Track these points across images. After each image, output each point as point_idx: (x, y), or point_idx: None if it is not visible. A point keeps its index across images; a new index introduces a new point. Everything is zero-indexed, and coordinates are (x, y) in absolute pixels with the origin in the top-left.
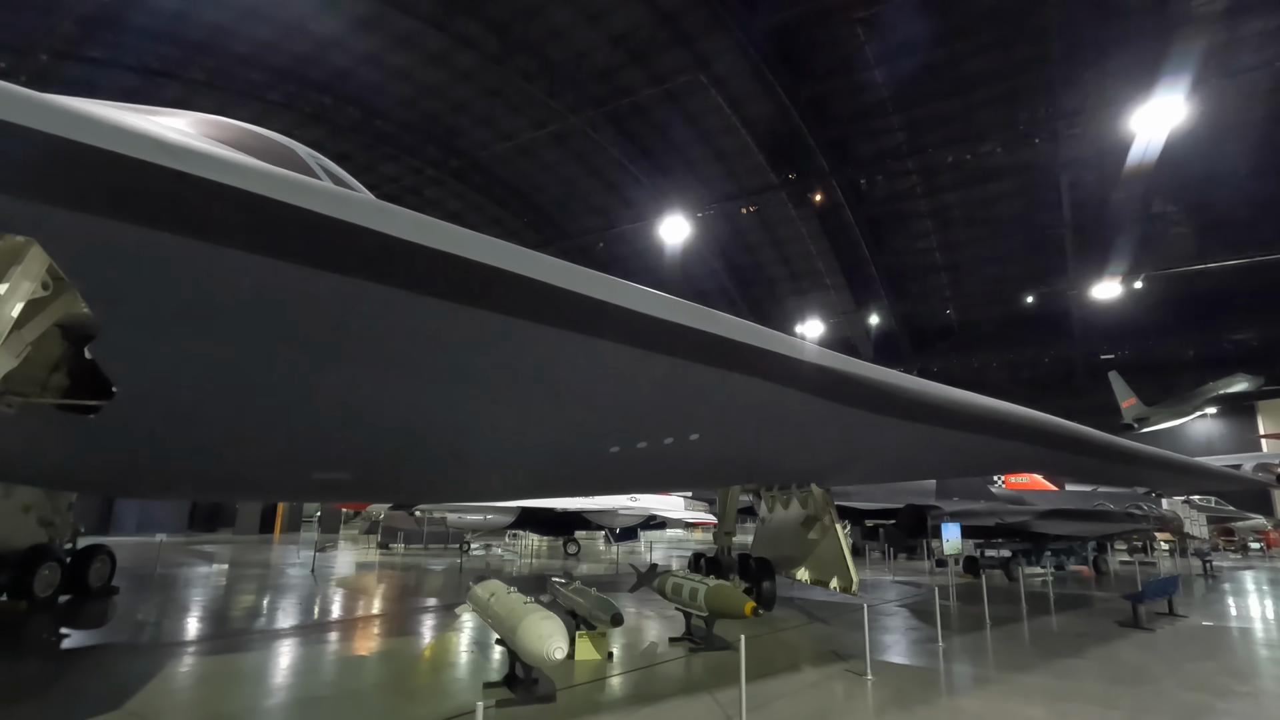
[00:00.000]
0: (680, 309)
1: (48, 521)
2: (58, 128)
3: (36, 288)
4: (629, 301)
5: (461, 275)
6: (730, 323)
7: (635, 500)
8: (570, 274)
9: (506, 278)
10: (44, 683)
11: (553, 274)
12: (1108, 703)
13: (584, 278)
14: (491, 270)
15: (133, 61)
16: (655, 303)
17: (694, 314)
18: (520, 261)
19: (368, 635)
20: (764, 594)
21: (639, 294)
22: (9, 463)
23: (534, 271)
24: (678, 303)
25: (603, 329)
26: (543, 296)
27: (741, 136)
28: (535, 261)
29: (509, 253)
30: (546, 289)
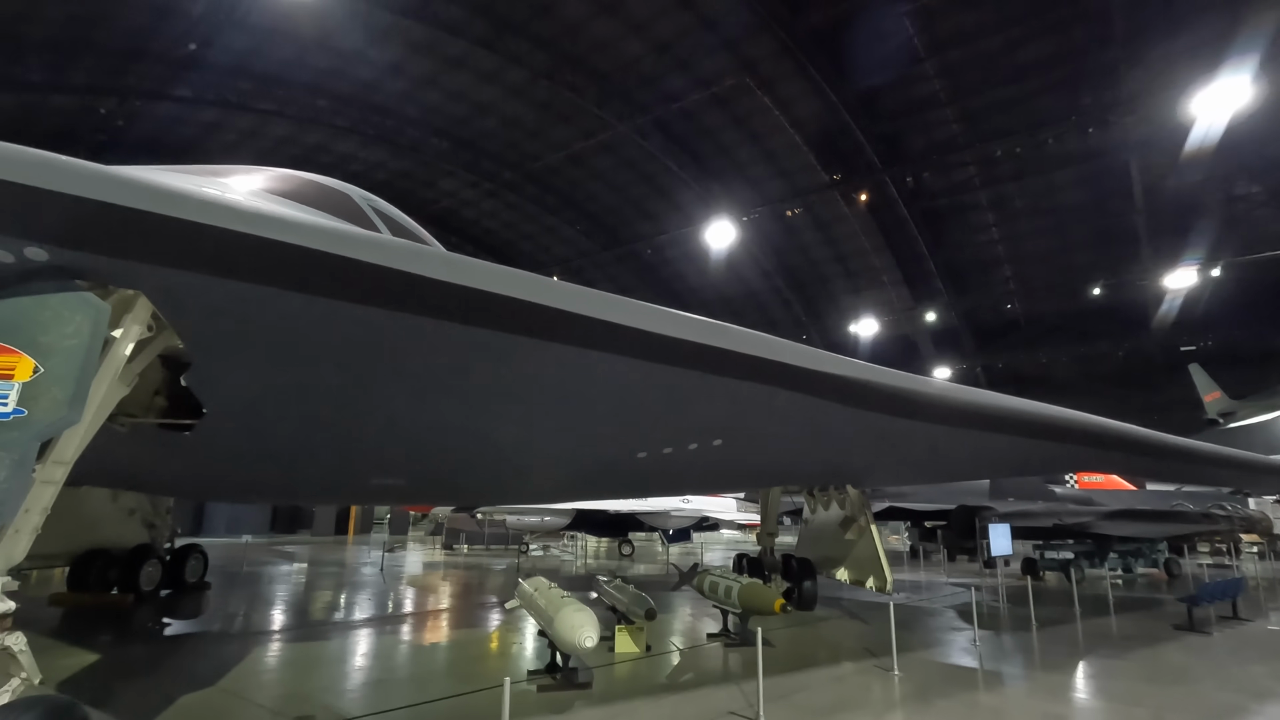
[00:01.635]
0: (691, 326)
1: (150, 524)
2: (155, 205)
3: (143, 330)
4: (645, 323)
5: (487, 307)
6: (739, 335)
7: (687, 502)
8: (591, 301)
9: (535, 309)
10: (151, 664)
11: (574, 302)
12: (1134, 700)
13: (604, 304)
14: (519, 303)
15: (213, 97)
16: (668, 322)
17: (704, 330)
18: (542, 292)
19: (428, 627)
20: (805, 594)
21: (654, 314)
22: (120, 472)
23: (558, 301)
24: (689, 320)
25: (622, 347)
26: (569, 323)
27: (790, 136)
28: (556, 291)
29: (532, 284)
30: (573, 317)
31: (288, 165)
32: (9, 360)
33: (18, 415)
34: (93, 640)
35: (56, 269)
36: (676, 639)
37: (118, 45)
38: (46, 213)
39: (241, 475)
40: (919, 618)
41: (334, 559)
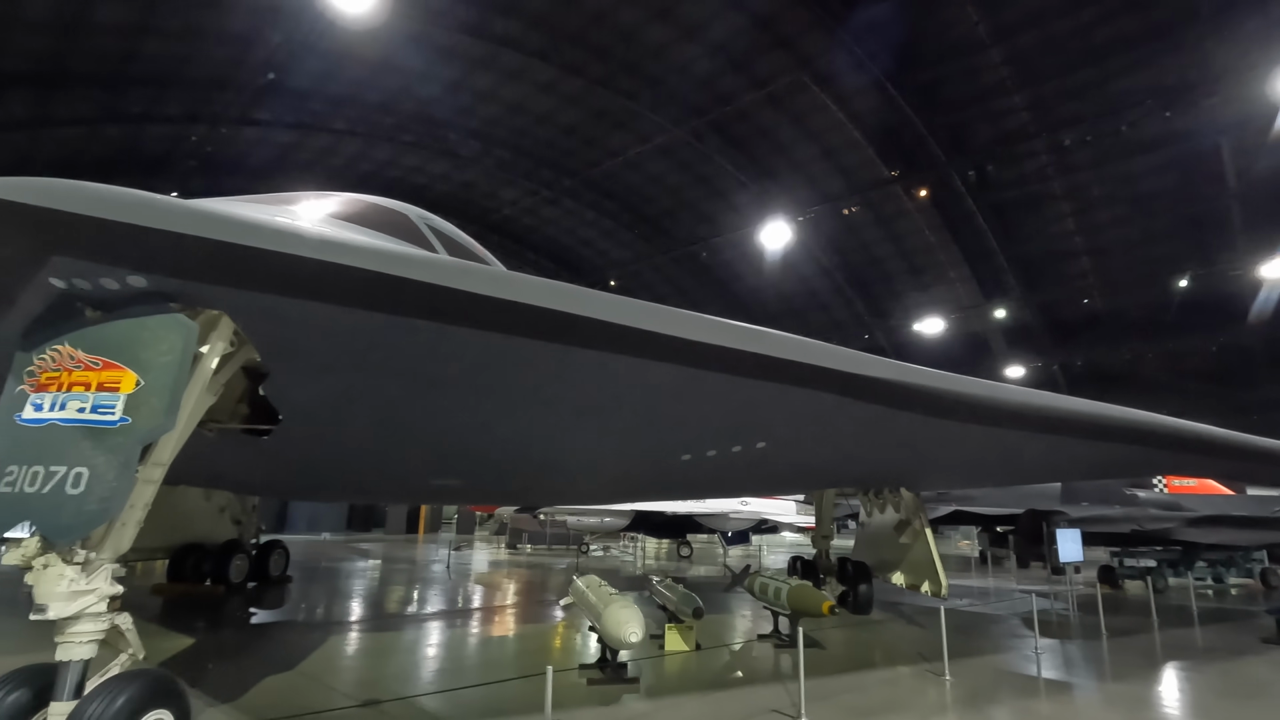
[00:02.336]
0: (728, 332)
1: (238, 520)
2: (234, 236)
3: (226, 345)
4: (683, 330)
5: (532, 319)
6: (776, 340)
7: (745, 504)
8: (629, 310)
9: (576, 319)
10: (239, 648)
11: (614, 312)
12: (1203, 713)
13: (642, 312)
14: (561, 314)
15: (289, 120)
16: (705, 329)
17: (741, 335)
18: (582, 303)
19: (489, 621)
20: (860, 597)
21: (691, 321)
22: (210, 473)
23: (597, 312)
24: (726, 326)
25: (660, 354)
26: (609, 332)
27: (849, 132)
28: (596, 301)
29: (573, 296)
30: (612, 326)
31: (358, 180)
32: (115, 375)
33: (123, 423)
34: (189, 626)
35: (154, 294)
36: (727, 638)
37: (206, 77)
38: (145, 246)
39: (313, 475)
40: (981, 624)
41: (405, 556)
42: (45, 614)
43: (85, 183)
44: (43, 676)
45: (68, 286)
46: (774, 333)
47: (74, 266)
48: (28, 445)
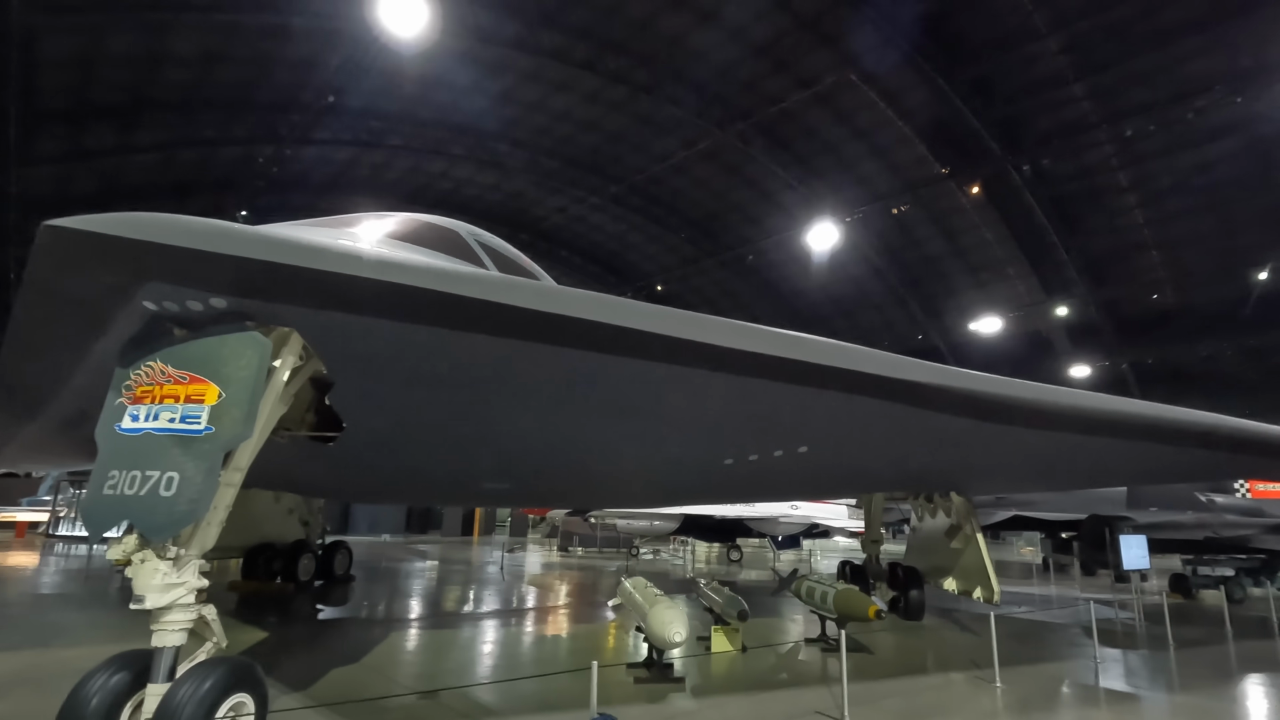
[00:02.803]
0: (768, 338)
1: (305, 522)
2: (301, 260)
3: (296, 359)
4: (720, 338)
5: (574, 330)
6: (814, 345)
7: (796, 508)
8: (668, 319)
9: (616, 330)
10: (307, 642)
11: (652, 322)
12: None
13: (680, 321)
14: (601, 325)
15: (348, 138)
16: (746, 336)
17: (781, 342)
18: (622, 314)
19: (540, 620)
20: (911, 603)
21: (732, 330)
22: (280, 477)
23: (637, 322)
24: (766, 333)
25: (702, 362)
26: (649, 341)
27: (899, 129)
28: (636, 311)
29: (613, 307)
30: (650, 336)
31: (412, 193)
32: (200, 388)
33: (208, 432)
34: (262, 620)
35: (232, 314)
36: (774, 641)
37: (271, 101)
38: (225, 271)
39: (374, 479)
40: (1039, 632)
41: (460, 557)
42: (143, 604)
43: (175, 215)
44: (140, 661)
45: (158, 308)
46: (812, 338)
47: (164, 291)
48: (127, 452)
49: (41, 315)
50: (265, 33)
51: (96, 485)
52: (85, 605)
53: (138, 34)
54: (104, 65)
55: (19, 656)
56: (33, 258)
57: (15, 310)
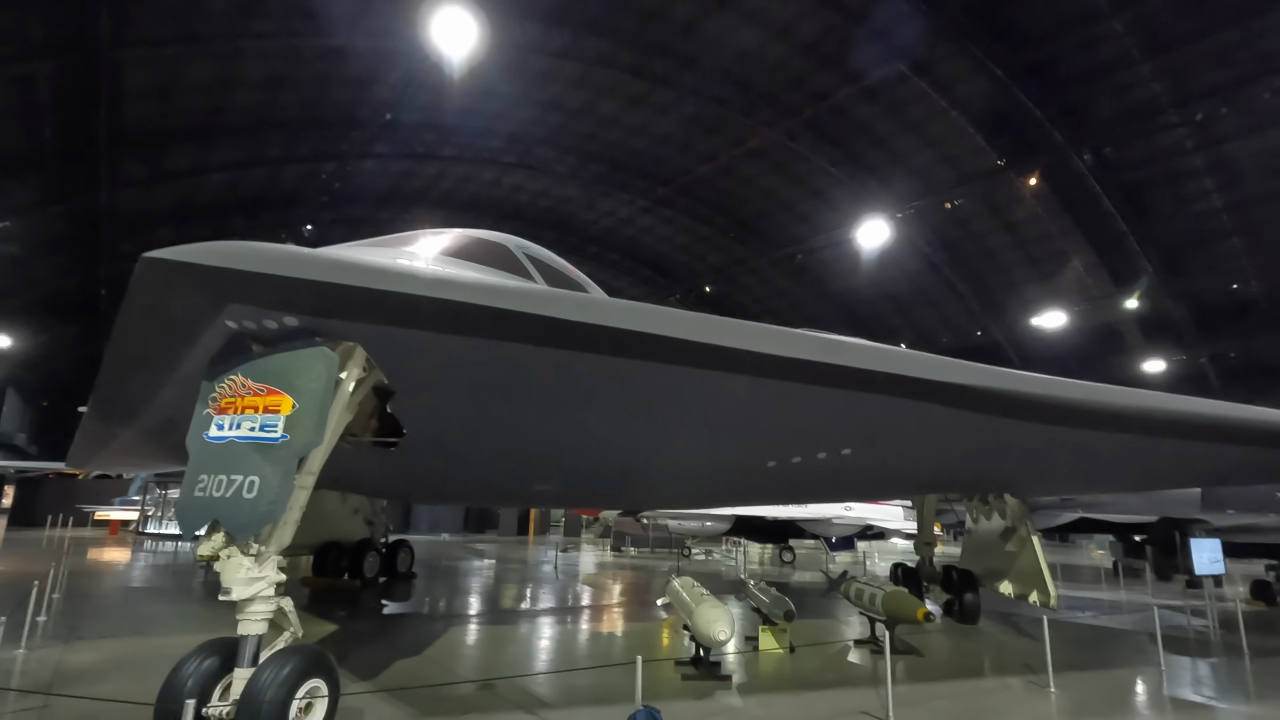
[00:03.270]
0: (805, 344)
1: (370, 521)
2: (362, 281)
3: (360, 371)
4: (760, 345)
5: (613, 339)
6: (853, 349)
7: (849, 509)
8: (705, 327)
9: (655, 339)
10: (373, 635)
11: (690, 330)
12: None
13: (718, 329)
14: (641, 334)
15: (405, 151)
16: (782, 341)
17: (817, 347)
18: (660, 322)
19: (591, 618)
20: (966, 606)
21: (768, 335)
22: (348, 479)
23: (674, 330)
24: (804, 338)
25: (740, 367)
26: (687, 348)
27: (955, 120)
28: (674, 320)
29: (651, 316)
30: (688, 343)
31: (466, 202)
32: (276, 400)
33: (284, 439)
34: (332, 614)
35: (304, 331)
36: (823, 642)
37: (331, 119)
38: (296, 293)
39: (432, 480)
40: (1103, 638)
41: (516, 556)
42: (230, 595)
43: (253, 243)
44: (227, 647)
45: (239, 327)
46: (851, 342)
47: (244, 311)
48: (213, 458)
49: (137, 335)
50: (324, 55)
51: (188, 488)
52: (173, 598)
53: (210, 62)
54: (181, 93)
55: (119, 644)
56: (131, 285)
57: (115, 330)
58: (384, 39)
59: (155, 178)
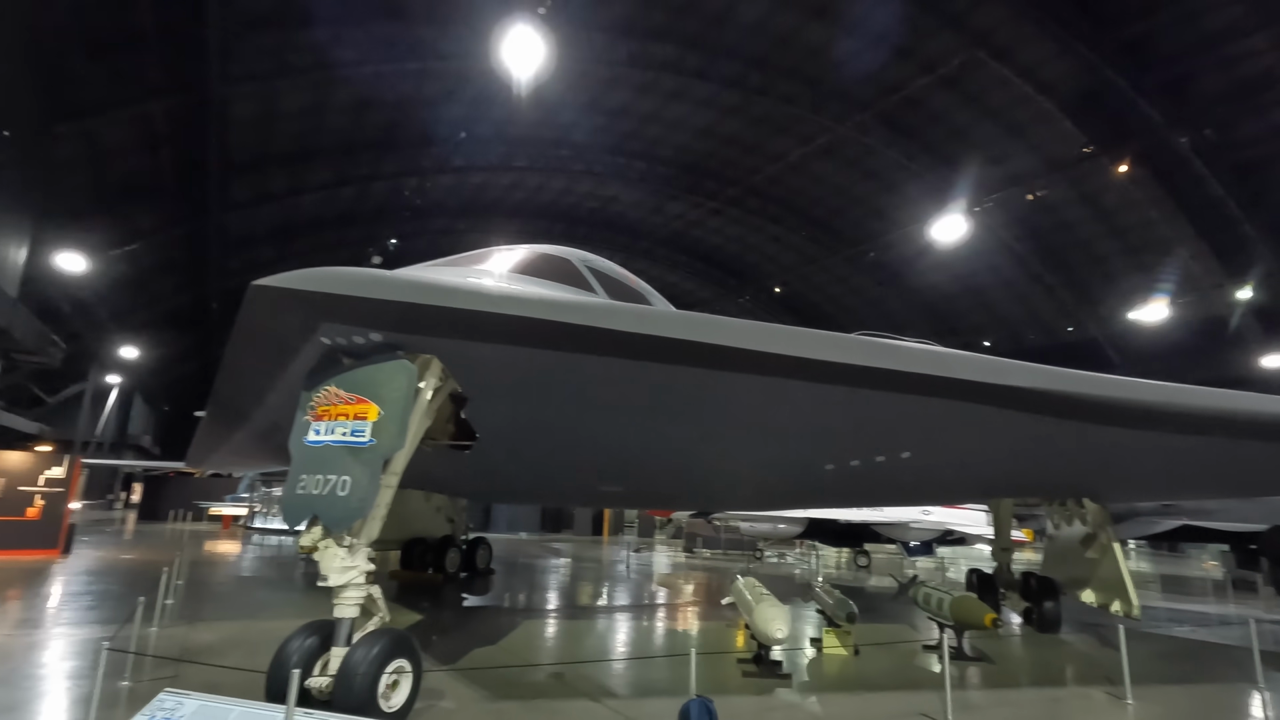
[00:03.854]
0: (858, 349)
1: (451, 519)
2: (436, 300)
3: (437, 381)
4: (813, 352)
5: (671, 349)
6: (908, 354)
7: (928, 513)
8: (757, 334)
9: (708, 347)
10: (454, 625)
11: (742, 338)
12: None
13: (768, 335)
14: (695, 344)
15: (480, 164)
16: (832, 347)
17: (870, 352)
18: (714, 331)
19: (658, 615)
20: (1045, 615)
21: (817, 341)
22: (429, 479)
23: (727, 339)
24: (855, 343)
25: (789, 373)
26: (742, 357)
27: (1040, 105)
28: (728, 329)
29: (706, 325)
30: (740, 351)
31: (539, 210)
32: (364, 408)
33: (371, 443)
34: (416, 605)
35: (387, 345)
36: (890, 646)
37: (413, 137)
38: (379, 312)
39: (503, 481)
40: (1201, 652)
41: (589, 555)
42: (327, 582)
43: (342, 269)
44: (325, 628)
45: (332, 343)
46: (904, 345)
47: (336, 329)
48: (312, 460)
49: (246, 351)
50: (405, 78)
51: (290, 487)
52: (277, 586)
53: (304, 92)
54: (279, 121)
55: (233, 625)
56: (242, 309)
57: (228, 347)
58: (458, 60)
59: (257, 200)
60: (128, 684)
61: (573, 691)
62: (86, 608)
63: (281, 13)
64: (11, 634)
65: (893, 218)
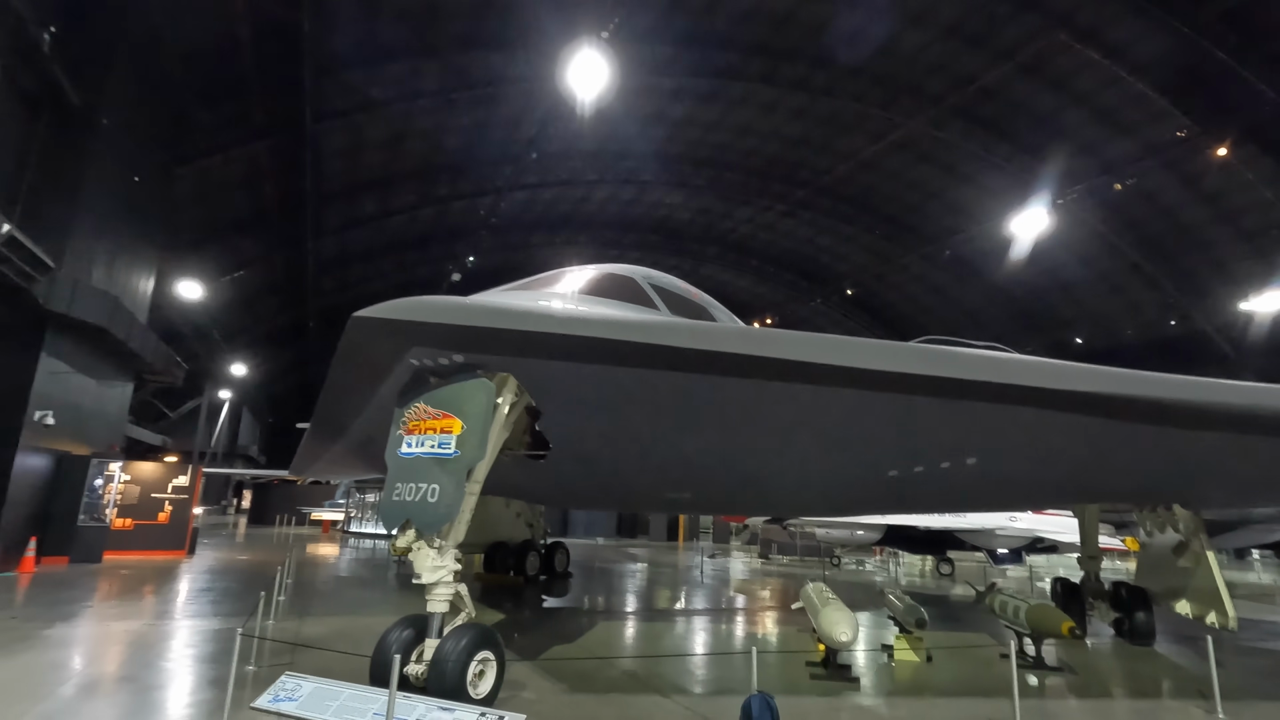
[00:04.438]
0: (912, 357)
1: (530, 524)
2: (509, 324)
3: (513, 396)
4: (863, 361)
5: (727, 362)
6: (966, 361)
7: (1014, 520)
8: (809, 345)
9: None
10: (534, 624)
11: (795, 350)
12: None
13: (819, 346)
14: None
15: (552, 179)
16: (891, 357)
17: (926, 360)
18: (767, 345)
19: (730, 618)
20: (1136, 625)
21: (866, 350)
22: (509, 486)
23: (778, 351)
24: (908, 351)
25: (843, 382)
26: (796, 368)
27: (1132, 86)
28: (779, 341)
29: (758, 339)
30: (791, 363)
31: (609, 221)
32: (449, 422)
33: (456, 455)
34: (500, 605)
35: (468, 366)
36: (965, 654)
37: (488, 157)
38: (459, 336)
39: (576, 488)
40: None
41: (665, 560)
42: (421, 579)
43: (428, 298)
44: (419, 622)
45: (420, 364)
46: (965, 352)
47: (423, 352)
48: (405, 470)
49: (346, 373)
50: (478, 102)
51: (387, 494)
52: (373, 586)
53: (386, 123)
54: (365, 151)
55: (337, 620)
56: (343, 337)
57: (330, 370)
58: (527, 82)
59: (347, 224)
60: (252, 668)
61: (644, 687)
62: (212, 602)
63: (365, 52)
64: (152, 624)
65: (972, 212)
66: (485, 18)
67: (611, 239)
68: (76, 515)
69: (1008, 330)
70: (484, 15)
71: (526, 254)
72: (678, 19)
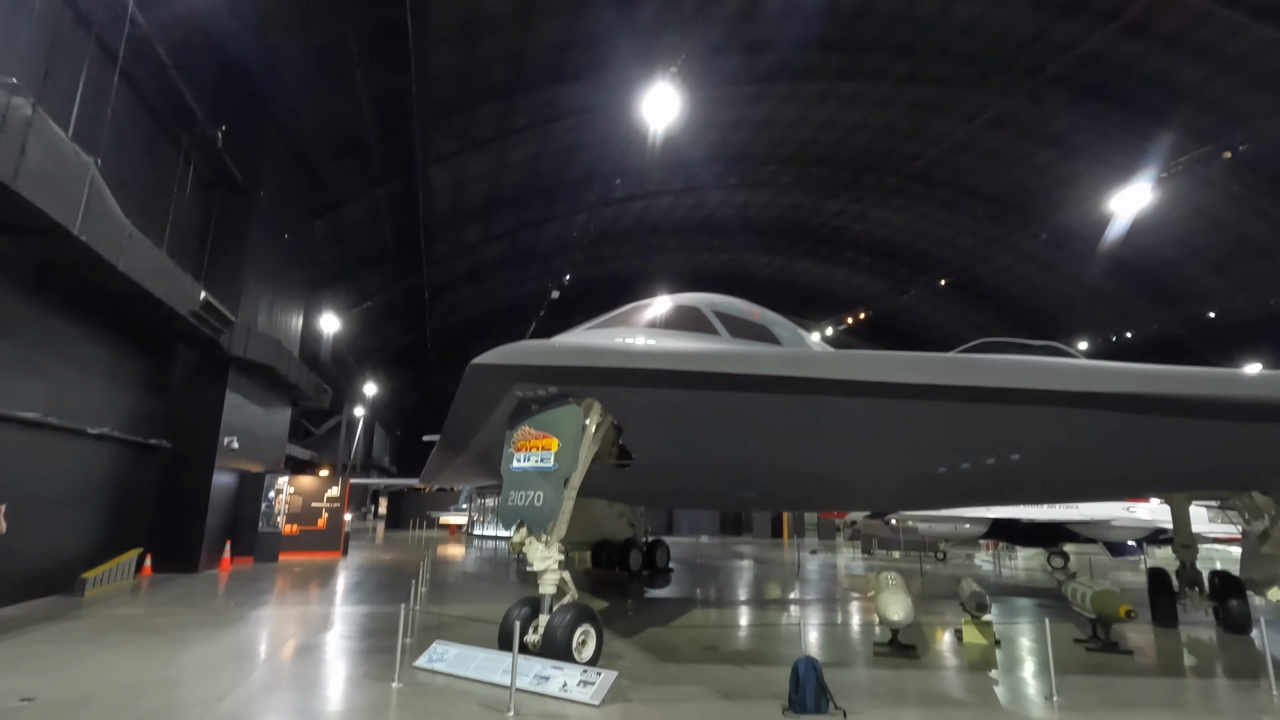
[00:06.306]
0: (940, 369)
1: (632, 524)
2: (589, 361)
3: (599, 417)
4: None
5: (779, 383)
6: (992, 368)
7: (1130, 510)
8: (850, 363)
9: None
10: (635, 611)
11: (834, 369)
12: None
13: (859, 364)
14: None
15: (639, 191)
16: (907, 368)
17: (950, 370)
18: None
19: (811, 606)
20: (1230, 613)
21: (891, 363)
22: (605, 490)
23: (822, 371)
24: (937, 362)
25: (882, 393)
26: (837, 385)
27: (1260, 31)
28: (823, 361)
29: (800, 361)
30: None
31: (695, 226)
32: (548, 441)
33: (555, 468)
34: (605, 594)
35: (561, 395)
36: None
37: (578, 178)
38: (552, 372)
39: (659, 490)
40: None
41: (765, 557)
42: (533, 568)
43: (527, 343)
44: (533, 602)
45: (523, 395)
46: (993, 359)
47: (526, 386)
48: (517, 481)
49: (466, 404)
50: (567, 130)
51: (504, 501)
52: (496, 580)
53: (485, 158)
54: (467, 185)
55: (467, 605)
56: (464, 378)
57: (454, 401)
58: (610, 108)
59: (455, 252)
60: (410, 640)
61: (721, 658)
62: (371, 591)
63: (465, 97)
64: (326, 609)
65: (1083, 184)
66: (568, 52)
67: (701, 242)
68: (258, 523)
69: (1135, 307)
70: (566, 50)
71: (619, 264)
72: (751, 25)
